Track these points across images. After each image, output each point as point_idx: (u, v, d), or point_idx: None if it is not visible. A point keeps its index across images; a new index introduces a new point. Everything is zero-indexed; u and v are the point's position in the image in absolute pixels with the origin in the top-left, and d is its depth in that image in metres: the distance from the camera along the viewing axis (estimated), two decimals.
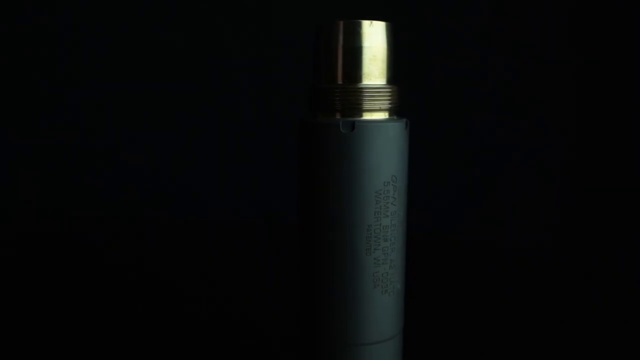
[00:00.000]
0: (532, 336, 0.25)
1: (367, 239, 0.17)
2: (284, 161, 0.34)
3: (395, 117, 0.17)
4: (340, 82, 0.17)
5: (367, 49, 0.17)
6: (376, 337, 0.17)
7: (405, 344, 0.19)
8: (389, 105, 0.18)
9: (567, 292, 0.30)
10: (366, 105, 0.17)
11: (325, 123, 0.16)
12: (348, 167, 0.16)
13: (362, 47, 0.17)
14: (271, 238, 0.37)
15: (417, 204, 0.41)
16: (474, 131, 0.43)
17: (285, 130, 0.30)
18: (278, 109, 0.38)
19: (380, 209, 0.17)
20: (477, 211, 0.41)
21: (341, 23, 0.17)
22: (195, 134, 0.41)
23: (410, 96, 0.41)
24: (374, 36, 0.17)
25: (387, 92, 0.17)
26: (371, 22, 0.17)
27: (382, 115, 0.17)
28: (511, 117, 0.43)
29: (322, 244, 0.17)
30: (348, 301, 0.17)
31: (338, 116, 0.17)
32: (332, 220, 0.17)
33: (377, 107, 0.17)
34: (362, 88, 0.17)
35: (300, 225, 0.18)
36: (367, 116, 0.17)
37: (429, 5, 0.42)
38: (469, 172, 0.43)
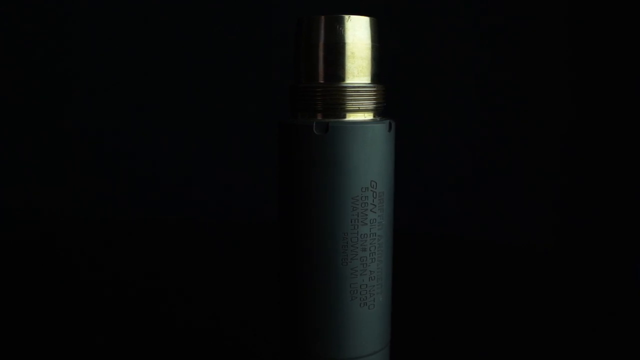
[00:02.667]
0: (530, 336, 0.24)
1: (344, 248, 0.16)
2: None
3: (378, 119, 0.16)
4: (321, 81, 0.16)
5: (349, 46, 0.16)
6: (357, 352, 0.16)
7: (399, 352, 0.18)
8: (374, 106, 0.16)
9: (565, 292, 0.29)
10: (349, 105, 0.16)
11: (299, 124, 0.16)
12: (322, 171, 0.15)
13: (344, 44, 0.16)
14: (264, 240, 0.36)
15: (414, 204, 0.41)
16: (469, 130, 0.42)
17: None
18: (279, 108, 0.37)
19: (358, 216, 0.16)
20: (473, 211, 0.41)
21: (322, 18, 0.16)
22: (191, 133, 0.40)
23: (407, 95, 0.40)
24: (357, 32, 0.16)
25: (371, 91, 0.16)
26: (349, 17, 0.16)
27: (366, 116, 0.16)
28: (508, 115, 0.42)
29: (298, 252, 0.16)
30: (324, 313, 0.16)
31: (319, 117, 0.16)
32: (307, 227, 0.16)
33: (360, 107, 0.16)
34: (344, 87, 0.16)
35: (279, 231, 0.17)
36: (351, 117, 0.16)
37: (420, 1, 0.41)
38: (464, 171, 0.42)
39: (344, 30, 0.16)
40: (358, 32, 0.16)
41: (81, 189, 0.40)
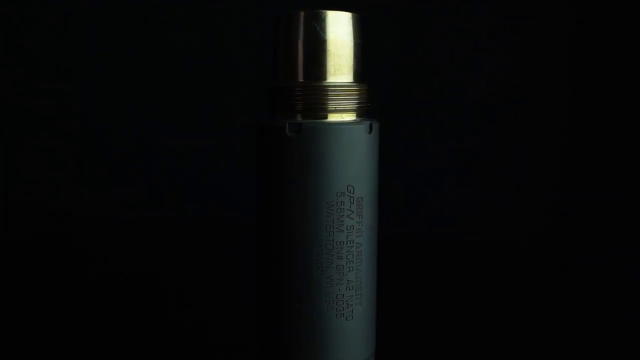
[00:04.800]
0: (529, 336, 0.23)
1: (318, 256, 0.15)
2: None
3: (359, 119, 0.16)
4: (300, 80, 0.15)
5: (330, 43, 0.15)
6: None
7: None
8: (356, 106, 0.16)
9: (563, 292, 0.28)
10: (330, 105, 0.15)
11: (272, 124, 0.15)
12: (296, 174, 0.15)
13: (325, 41, 0.15)
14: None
15: (409, 204, 0.40)
16: (467, 129, 0.41)
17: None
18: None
19: (333, 222, 0.15)
20: (471, 210, 0.40)
21: (301, 14, 0.15)
22: (189, 132, 0.40)
23: (399, 94, 0.39)
24: (338, 28, 0.15)
25: (352, 91, 0.15)
26: (329, 13, 0.15)
27: (346, 117, 0.15)
28: (504, 115, 0.41)
29: (273, 258, 0.15)
30: (300, 324, 0.15)
31: (299, 118, 0.15)
32: (281, 232, 0.15)
33: (340, 107, 0.15)
34: (323, 87, 0.15)
35: (255, 235, 0.16)
36: (332, 118, 0.15)
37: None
38: (462, 170, 0.41)
39: (323, 27, 0.15)
40: (339, 28, 0.15)
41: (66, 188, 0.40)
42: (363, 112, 0.16)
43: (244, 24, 0.39)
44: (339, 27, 0.15)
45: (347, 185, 0.15)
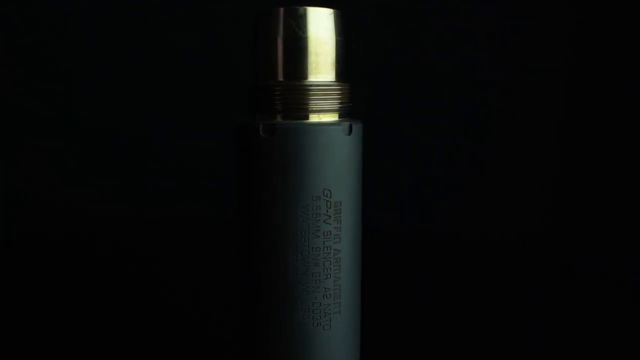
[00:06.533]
0: (529, 336, 0.23)
1: (293, 262, 0.14)
2: None
3: (340, 120, 0.15)
4: (280, 79, 0.15)
5: (309, 41, 0.15)
6: None
7: None
8: (338, 106, 0.15)
9: (561, 291, 0.28)
10: (310, 105, 0.15)
11: (247, 125, 0.14)
12: (270, 176, 0.14)
13: (303, 38, 0.15)
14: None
15: (409, 204, 0.39)
16: (464, 128, 0.40)
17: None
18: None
19: (309, 227, 0.14)
20: (468, 210, 0.39)
21: (280, 10, 0.15)
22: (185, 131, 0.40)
23: (398, 93, 0.39)
24: (319, 25, 0.15)
25: (333, 90, 0.15)
26: (310, 9, 0.14)
27: (326, 118, 0.15)
28: (504, 113, 0.40)
29: (250, 263, 0.15)
30: (277, 332, 0.15)
31: (279, 118, 0.15)
32: (257, 237, 0.15)
33: (318, 107, 0.15)
34: (303, 86, 0.15)
35: (236, 238, 0.16)
36: (314, 118, 0.15)
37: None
38: (460, 170, 0.40)
39: (301, 24, 0.14)
40: (318, 25, 0.15)
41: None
42: (346, 112, 0.15)
43: (244, 23, 0.39)
44: (318, 24, 0.14)
45: (324, 189, 0.14)
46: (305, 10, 0.14)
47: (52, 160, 0.40)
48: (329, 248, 0.14)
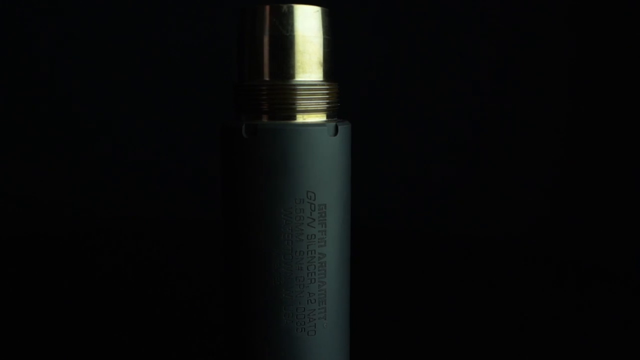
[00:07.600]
0: (528, 337, 0.22)
1: (277, 266, 0.14)
2: None
3: (325, 121, 0.14)
4: (266, 78, 0.14)
5: (295, 39, 0.14)
6: None
7: None
8: (325, 106, 0.15)
9: (560, 291, 0.27)
10: (297, 105, 0.14)
11: (229, 126, 0.14)
12: (252, 178, 0.14)
13: (291, 37, 0.14)
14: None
15: (408, 204, 0.39)
16: (464, 128, 0.40)
17: None
18: None
19: (292, 230, 0.14)
20: (467, 210, 0.39)
21: (266, 8, 0.14)
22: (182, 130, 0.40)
23: (398, 93, 0.38)
24: (306, 23, 0.14)
25: (320, 90, 0.14)
26: (297, 7, 0.14)
27: (309, 118, 0.14)
28: (504, 113, 0.40)
29: (234, 266, 0.15)
30: (261, 337, 0.14)
31: (265, 119, 0.15)
32: (241, 240, 0.14)
33: (309, 108, 0.14)
34: (290, 85, 0.14)
35: (222, 243, 0.15)
36: (301, 118, 0.14)
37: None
38: (458, 169, 0.40)
39: (285, 22, 0.14)
40: (303, 23, 0.14)
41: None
42: (334, 112, 0.15)
43: (235, 22, 0.39)
44: (304, 22, 0.14)
45: (307, 191, 0.14)
46: (290, 8, 0.14)
47: (52, 160, 0.40)
48: (313, 252, 0.14)
